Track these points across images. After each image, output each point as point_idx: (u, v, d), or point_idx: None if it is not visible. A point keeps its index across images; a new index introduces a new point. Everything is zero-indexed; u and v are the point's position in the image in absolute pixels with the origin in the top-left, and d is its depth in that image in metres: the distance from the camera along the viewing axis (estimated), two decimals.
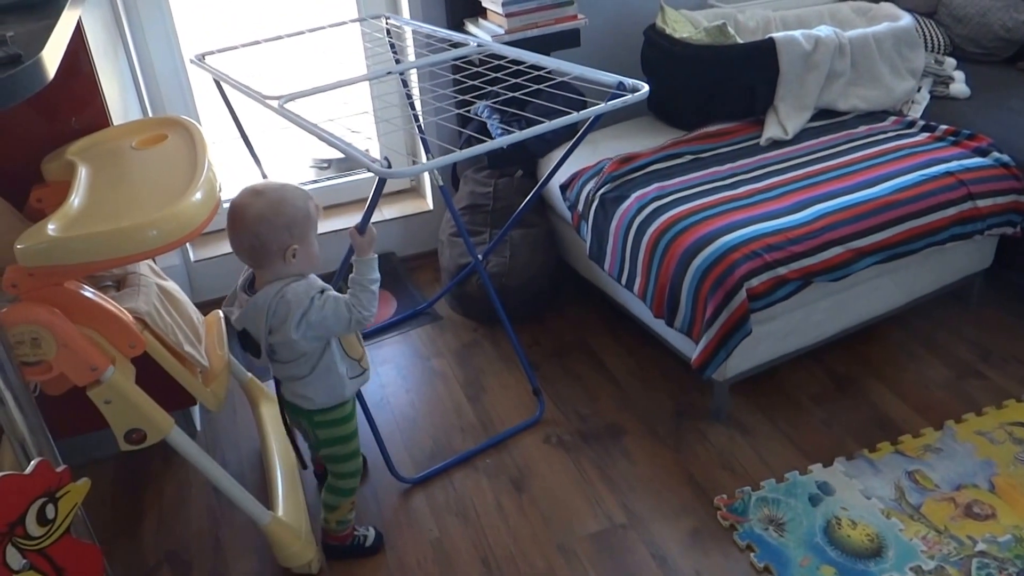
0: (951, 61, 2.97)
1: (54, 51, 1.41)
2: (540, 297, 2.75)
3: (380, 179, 1.61)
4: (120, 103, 2.27)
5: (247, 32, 2.34)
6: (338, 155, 2.88)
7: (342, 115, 1.80)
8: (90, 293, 1.65)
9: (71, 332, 1.57)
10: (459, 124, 2.72)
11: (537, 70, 1.95)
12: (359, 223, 1.67)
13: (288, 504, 2.00)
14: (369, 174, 2.94)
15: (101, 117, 2.00)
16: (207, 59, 2.16)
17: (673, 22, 2.77)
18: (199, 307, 2.11)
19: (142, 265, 1.94)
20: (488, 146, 1.64)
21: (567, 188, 2.53)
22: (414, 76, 2.76)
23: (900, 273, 2.36)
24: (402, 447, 2.28)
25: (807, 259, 2.10)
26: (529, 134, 1.66)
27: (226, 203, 1.69)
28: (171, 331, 1.82)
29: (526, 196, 2.34)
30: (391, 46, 2.49)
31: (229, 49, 2.22)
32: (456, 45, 2.21)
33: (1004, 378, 2.38)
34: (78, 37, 1.89)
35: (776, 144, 2.57)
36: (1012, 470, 2.07)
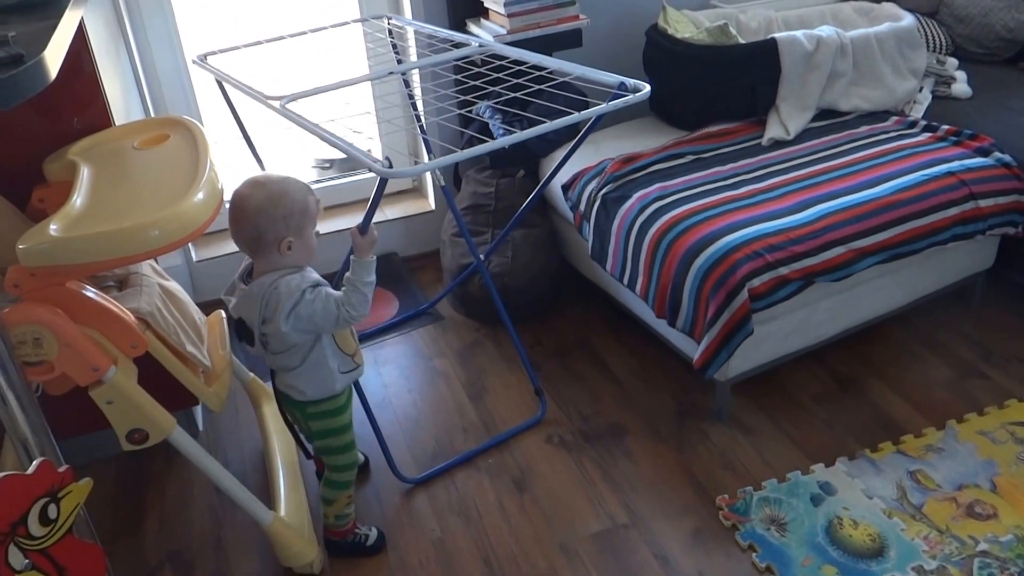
0: (953, 61, 2.97)
1: (56, 51, 1.41)
2: (542, 297, 2.74)
3: (382, 179, 1.61)
4: (122, 103, 2.27)
5: (249, 32, 2.35)
6: (340, 155, 2.88)
7: (344, 115, 1.80)
8: (92, 293, 1.65)
9: (73, 332, 1.57)
10: (461, 124, 2.72)
11: (539, 70, 1.95)
12: (361, 223, 1.67)
13: (290, 504, 2.01)
14: (371, 174, 2.96)
15: (103, 117, 2.00)
16: (209, 59, 2.16)
17: (675, 22, 2.77)
18: (201, 307, 2.11)
19: (144, 265, 1.94)
20: (490, 146, 1.64)
21: (569, 188, 2.53)
22: (416, 76, 2.76)
23: (902, 273, 2.36)
24: (404, 447, 2.28)
25: (809, 259, 2.10)
26: (531, 134, 1.66)
27: (228, 202, 1.69)
28: (173, 331, 1.82)
29: (528, 196, 2.34)
30: (393, 46, 2.49)
31: (231, 49, 2.22)
32: (458, 45, 2.21)
33: (1006, 378, 2.38)
34: (80, 37, 1.89)
35: (778, 144, 2.57)
36: (1014, 470, 2.07)
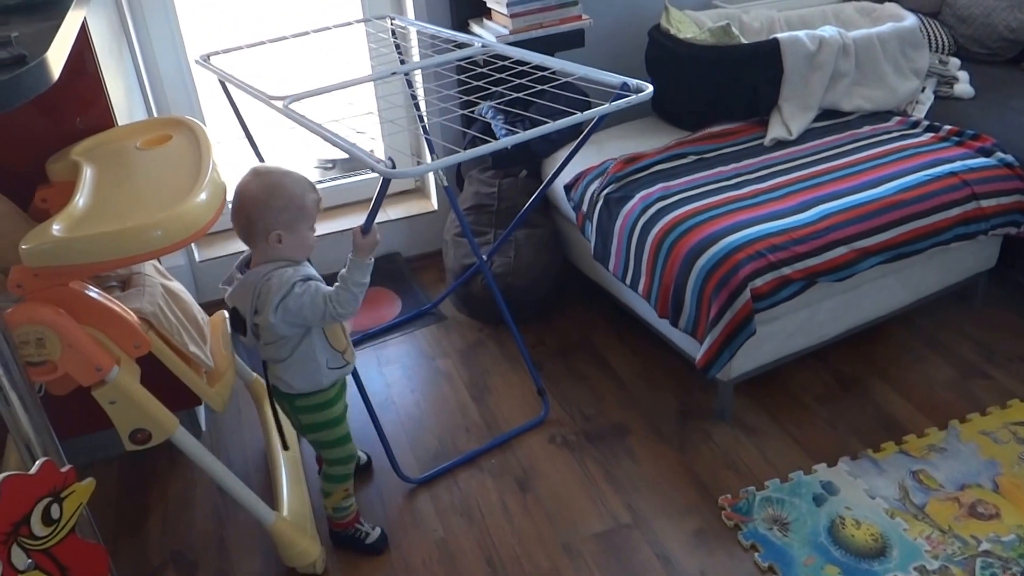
0: (955, 61, 2.96)
1: (59, 52, 1.42)
2: (545, 297, 2.74)
3: (384, 180, 1.61)
4: (125, 103, 2.27)
5: (252, 32, 2.35)
6: (342, 155, 2.88)
7: (347, 115, 1.80)
8: (95, 293, 1.66)
9: (76, 332, 1.57)
10: (463, 124, 2.72)
11: (541, 71, 1.95)
12: (364, 223, 1.67)
13: (293, 504, 2.01)
14: (373, 174, 2.96)
15: (106, 117, 2.00)
16: (212, 59, 2.17)
17: (677, 22, 2.77)
18: (204, 307, 2.11)
19: (147, 265, 1.95)
20: (492, 147, 1.64)
21: (571, 188, 2.53)
22: (419, 76, 2.76)
23: (904, 273, 2.36)
24: (407, 447, 2.28)
25: (811, 259, 2.10)
26: (533, 134, 1.66)
27: (232, 210, 1.70)
28: (176, 331, 1.83)
29: (531, 196, 2.34)
30: (396, 47, 2.49)
31: (234, 50, 2.22)
32: (461, 46, 2.21)
33: (1008, 378, 2.37)
34: (83, 37, 1.89)
35: (780, 144, 2.57)
36: (1016, 470, 2.06)
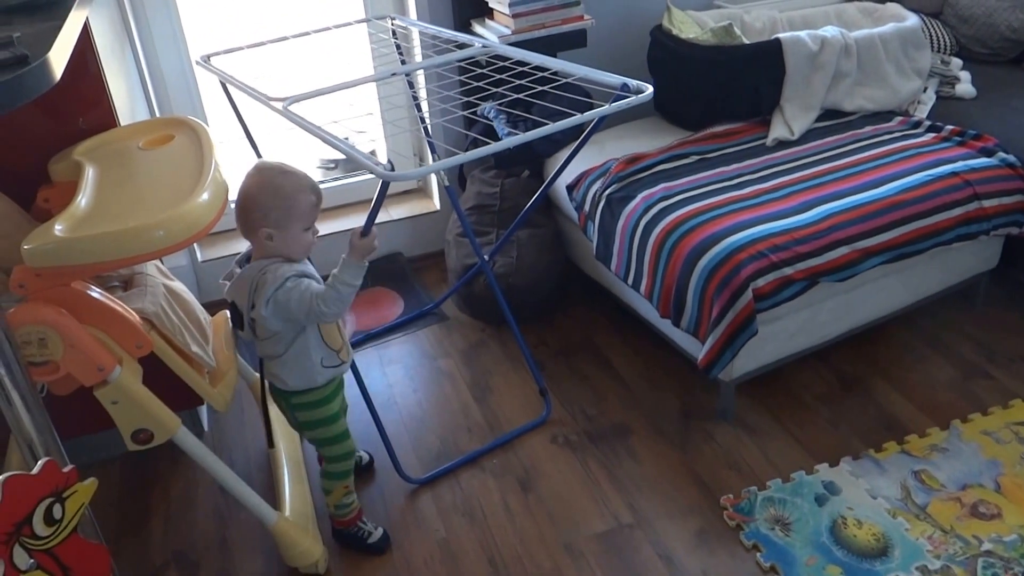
0: (957, 61, 2.96)
1: (61, 52, 1.42)
2: (547, 297, 2.74)
3: (383, 182, 1.61)
4: (127, 103, 2.27)
5: (255, 32, 2.35)
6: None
7: (348, 116, 1.80)
8: (97, 293, 1.66)
9: (78, 332, 1.57)
10: (465, 125, 2.72)
11: (543, 71, 1.95)
12: (363, 226, 1.67)
13: (295, 504, 2.01)
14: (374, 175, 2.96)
15: (108, 117, 2.00)
16: (212, 60, 2.17)
17: (679, 23, 2.77)
18: (206, 307, 2.11)
19: (149, 265, 1.95)
20: (492, 148, 1.63)
21: (574, 188, 2.53)
22: (421, 77, 2.75)
23: (906, 273, 2.36)
24: (409, 447, 2.28)
25: (813, 259, 2.10)
26: (533, 136, 1.66)
27: (233, 203, 1.70)
28: (178, 331, 1.83)
29: (533, 196, 2.34)
30: (396, 47, 2.49)
31: (234, 50, 2.22)
32: (462, 46, 2.21)
33: (1010, 378, 2.37)
34: (85, 38, 1.89)
35: (782, 144, 2.57)
36: (1018, 470, 2.06)
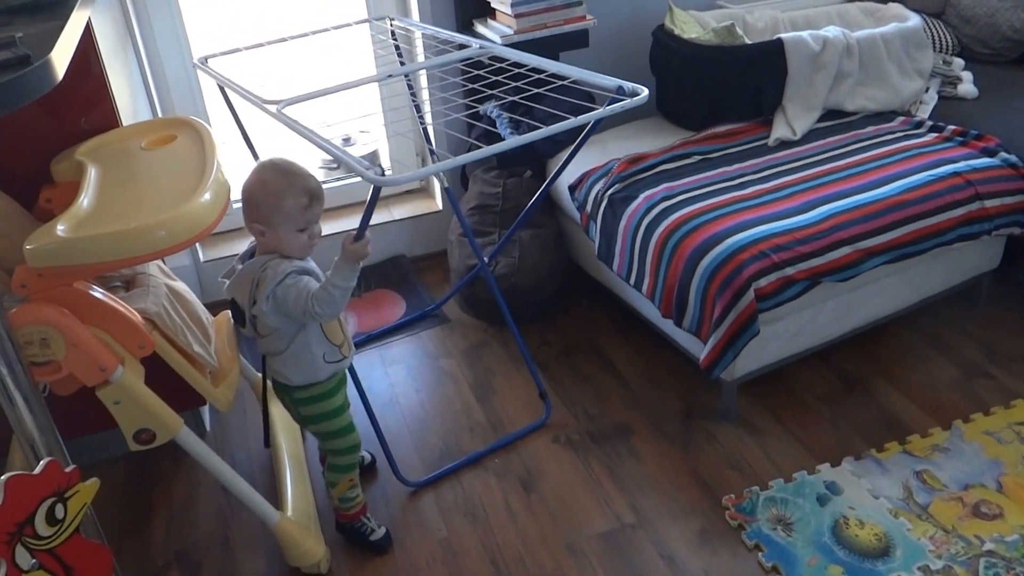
0: (959, 61, 2.96)
1: (63, 52, 1.42)
2: (549, 298, 2.74)
3: (375, 187, 1.60)
4: (129, 104, 2.28)
5: (256, 33, 2.35)
6: None
7: (345, 119, 1.80)
8: (99, 293, 1.66)
9: (80, 332, 1.57)
10: (466, 125, 2.72)
11: (538, 73, 1.95)
12: (356, 231, 1.64)
13: (297, 504, 2.01)
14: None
15: (110, 118, 2.01)
16: (211, 61, 2.16)
17: (681, 23, 2.77)
18: (209, 307, 2.11)
19: (151, 265, 1.95)
20: (492, 150, 1.63)
21: (576, 188, 2.53)
22: (422, 78, 2.75)
23: (908, 273, 2.36)
24: (411, 447, 2.28)
25: (815, 259, 2.10)
26: (531, 138, 1.66)
27: (235, 203, 1.71)
28: (180, 331, 1.83)
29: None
30: (396, 48, 2.49)
31: (233, 52, 2.22)
32: (462, 47, 2.21)
33: (1012, 378, 2.37)
34: (87, 38, 1.89)
35: (784, 144, 2.57)
36: (1020, 470, 2.06)
